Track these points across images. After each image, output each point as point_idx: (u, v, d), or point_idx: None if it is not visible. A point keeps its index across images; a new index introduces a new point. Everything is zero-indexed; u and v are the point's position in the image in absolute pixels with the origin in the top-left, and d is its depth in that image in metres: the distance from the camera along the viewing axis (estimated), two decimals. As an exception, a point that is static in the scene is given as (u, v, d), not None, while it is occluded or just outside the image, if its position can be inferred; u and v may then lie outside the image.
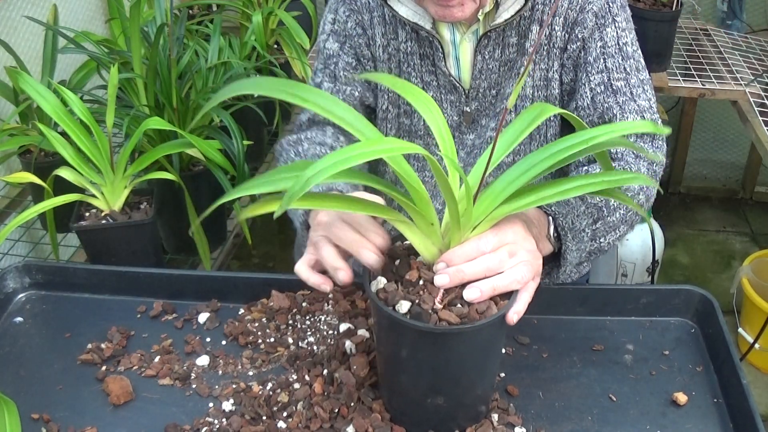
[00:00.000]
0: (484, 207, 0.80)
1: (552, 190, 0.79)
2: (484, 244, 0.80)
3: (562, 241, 0.93)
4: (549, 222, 0.94)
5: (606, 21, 1.10)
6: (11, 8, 1.71)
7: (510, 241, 0.82)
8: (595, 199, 0.99)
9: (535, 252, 0.85)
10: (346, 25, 1.18)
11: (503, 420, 0.87)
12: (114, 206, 1.26)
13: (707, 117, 2.90)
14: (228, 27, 2.01)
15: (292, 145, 1.16)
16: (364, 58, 1.19)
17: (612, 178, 0.79)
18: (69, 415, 0.90)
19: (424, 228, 0.80)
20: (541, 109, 0.79)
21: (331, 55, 1.20)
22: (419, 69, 1.16)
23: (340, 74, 1.19)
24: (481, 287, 0.78)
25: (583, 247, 0.96)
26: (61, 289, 1.09)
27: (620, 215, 1.02)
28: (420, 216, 0.78)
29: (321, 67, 1.22)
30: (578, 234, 0.95)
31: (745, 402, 0.85)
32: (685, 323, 1.02)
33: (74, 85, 1.57)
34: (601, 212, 0.99)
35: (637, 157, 1.08)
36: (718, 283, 2.63)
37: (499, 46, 1.12)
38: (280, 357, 0.97)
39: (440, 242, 0.81)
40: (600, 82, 1.09)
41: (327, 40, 1.20)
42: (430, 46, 1.13)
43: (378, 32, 1.16)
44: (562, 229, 0.93)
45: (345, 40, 1.19)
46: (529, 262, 0.82)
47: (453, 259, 0.79)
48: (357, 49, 1.19)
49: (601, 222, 0.99)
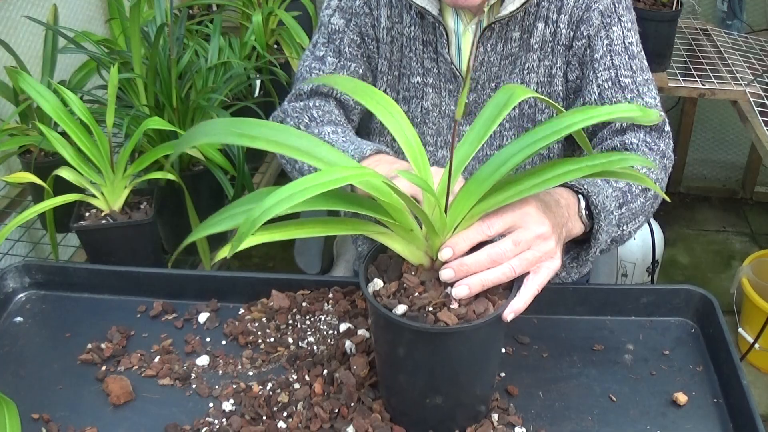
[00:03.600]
0: (460, 208, 0.78)
1: (532, 181, 0.78)
2: (487, 227, 0.80)
3: (595, 220, 0.92)
4: (579, 200, 0.92)
5: (612, 20, 1.11)
6: (11, 8, 1.71)
7: (516, 225, 0.81)
8: (619, 183, 0.98)
9: (547, 236, 0.82)
10: (353, 2, 1.17)
11: (503, 420, 0.87)
12: (114, 206, 1.26)
13: (707, 117, 2.90)
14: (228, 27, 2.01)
15: (300, 112, 1.16)
16: (368, 38, 1.19)
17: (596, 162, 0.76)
18: (69, 415, 0.90)
19: (405, 235, 0.79)
20: (511, 93, 0.77)
21: (336, 30, 1.19)
22: (421, 54, 1.17)
23: (345, 50, 1.19)
24: (470, 284, 0.78)
25: (611, 230, 0.95)
26: (61, 289, 1.09)
27: (640, 203, 1.01)
28: (397, 225, 0.77)
29: (323, 41, 1.20)
30: (609, 215, 0.94)
31: (745, 402, 0.85)
32: (685, 323, 1.02)
33: (74, 85, 1.56)
34: (626, 197, 0.99)
35: (650, 150, 1.08)
36: (718, 283, 2.63)
37: (502, 39, 1.13)
38: (280, 357, 0.97)
39: (424, 245, 0.80)
40: (607, 78, 1.10)
41: (333, 15, 1.20)
42: (434, 32, 1.14)
43: (383, 14, 1.16)
44: (594, 208, 0.91)
45: (351, 17, 1.18)
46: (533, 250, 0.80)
47: (458, 244, 0.79)
48: (362, 28, 1.18)
49: (626, 207, 0.99)
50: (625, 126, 1.10)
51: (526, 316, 0.83)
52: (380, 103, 0.79)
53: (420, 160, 0.79)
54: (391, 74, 1.20)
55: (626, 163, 0.77)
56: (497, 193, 0.78)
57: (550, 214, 0.84)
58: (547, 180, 0.77)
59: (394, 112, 0.79)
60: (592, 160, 0.77)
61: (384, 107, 0.79)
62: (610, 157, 0.78)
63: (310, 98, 1.20)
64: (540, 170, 0.78)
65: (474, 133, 0.79)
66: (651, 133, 1.09)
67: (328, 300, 1.04)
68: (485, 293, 0.80)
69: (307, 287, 1.07)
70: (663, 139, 1.10)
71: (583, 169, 0.76)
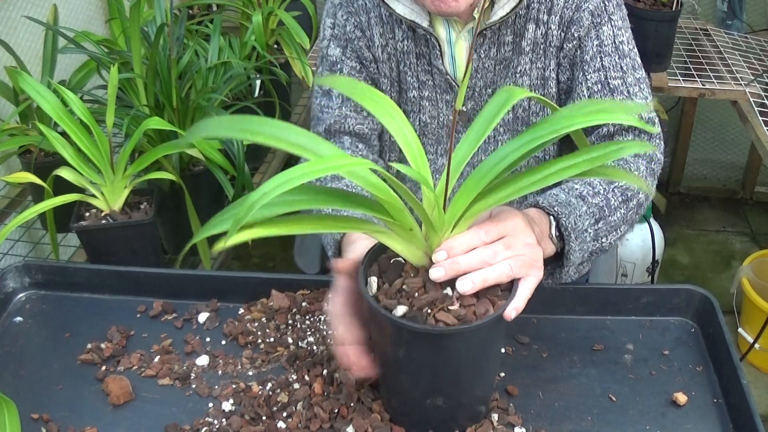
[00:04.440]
0: (459, 205, 0.79)
1: (531, 179, 0.78)
2: (485, 233, 0.80)
3: (566, 242, 0.93)
4: (551, 222, 0.93)
5: (602, 20, 1.10)
6: (11, 8, 1.71)
7: (508, 233, 0.82)
8: (596, 199, 0.99)
9: (534, 245, 0.85)
10: (345, 28, 1.18)
11: (503, 420, 0.87)
12: (114, 206, 1.26)
13: (707, 117, 2.90)
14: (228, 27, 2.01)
15: None
16: (366, 60, 1.19)
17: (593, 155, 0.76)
18: (69, 415, 0.90)
19: (404, 234, 0.79)
20: (509, 94, 0.77)
21: (335, 62, 1.20)
22: (415, 68, 1.16)
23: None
24: (473, 279, 0.78)
25: (585, 247, 0.96)
26: (61, 289, 1.09)
27: (621, 214, 1.01)
28: (397, 224, 0.77)
29: (327, 73, 1.21)
30: (581, 234, 0.95)
31: (745, 402, 0.85)
32: (685, 323, 1.02)
33: (74, 85, 1.56)
34: (603, 212, 0.99)
35: (636, 156, 1.08)
36: (718, 283, 2.63)
37: (495, 44, 1.12)
38: (280, 357, 0.97)
39: (424, 245, 0.80)
40: (597, 81, 1.09)
41: (329, 46, 1.20)
42: (426, 44, 1.13)
43: (376, 32, 1.16)
44: (565, 230, 0.93)
45: (346, 44, 1.19)
46: (524, 255, 0.82)
47: (454, 248, 0.79)
48: (358, 52, 1.19)
49: (603, 222, 0.99)
50: (612, 131, 1.10)
51: (526, 315, 0.83)
52: (379, 103, 0.79)
53: (419, 160, 0.79)
54: (392, 91, 1.20)
55: (623, 153, 0.77)
56: (496, 191, 0.79)
57: (533, 227, 0.87)
58: (546, 177, 0.77)
59: (394, 113, 0.80)
60: (588, 154, 0.77)
61: (383, 108, 0.79)
62: (606, 149, 0.77)
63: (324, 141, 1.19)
64: (538, 168, 0.79)
65: (474, 132, 0.80)
66: (640, 136, 1.09)
67: (328, 300, 1.04)
68: (486, 294, 0.80)
69: (307, 287, 1.07)
70: (653, 141, 1.10)
71: (581, 164, 0.76)
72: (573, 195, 0.98)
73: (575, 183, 1.01)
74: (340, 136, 1.20)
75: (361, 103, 0.78)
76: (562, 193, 0.98)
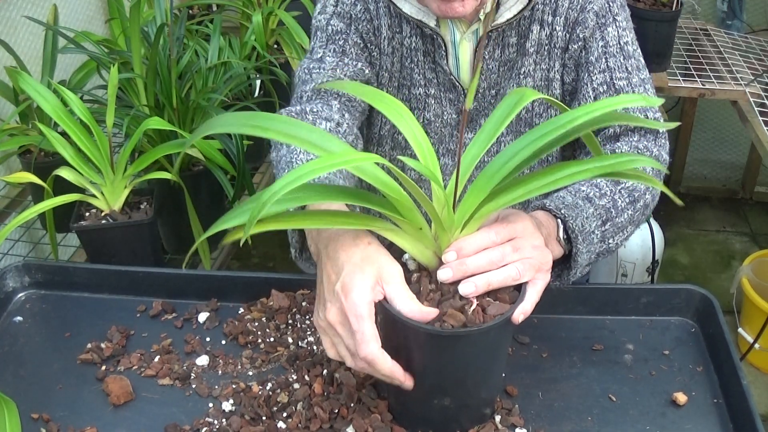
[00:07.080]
0: (468, 205, 0.79)
1: (541, 182, 0.78)
2: (495, 234, 0.80)
3: (573, 244, 0.93)
4: (558, 225, 0.93)
5: (607, 20, 1.10)
6: (11, 8, 1.71)
7: (517, 235, 0.82)
8: (603, 201, 0.99)
9: (542, 248, 0.84)
10: (354, 8, 1.15)
11: (506, 422, 0.87)
12: (114, 206, 1.26)
13: (707, 117, 2.90)
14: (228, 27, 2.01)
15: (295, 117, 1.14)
16: (370, 44, 1.16)
17: (605, 163, 0.77)
18: (69, 414, 0.90)
19: (414, 233, 0.79)
20: (520, 95, 0.78)
21: (338, 32, 1.16)
22: (422, 65, 1.16)
23: (351, 50, 1.15)
24: (476, 282, 0.78)
25: (592, 249, 0.96)
26: (60, 289, 1.09)
27: (628, 216, 1.01)
28: (406, 223, 0.78)
29: (321, 44, 1.17)
30: (588, 236, 0.95)
31: (745, 402, 0.85)
32: (685, 323, 1.02)
33: (74, 85, 1.56)
34: (610, 213, 0.99)
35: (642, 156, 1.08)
36: (718, 283, 2.63)
37: (499, 46, 1.12)
38: (280, 357, 0.97)
39: (433, 245, 0.81)
40: (602, 82, 1.09)
41: (331, 19, 1.16)
42: (433, 43, 1.13)
43: (384, 23, 1.14)
44: (572, 232, 0.92)
45: (351, 22, 1.15)
46: (533, 258, 0.82)
47: (464, 248, 0.79)
48: (364, 34, 1.16)
49: (610, 223, 0.99)
50: (618, 132, 1.10)
51: (526, 315, 0.83)
52: (390, 105, 0.80)
53: (429, 159, 0.80)
54: (391, 86, 1.19)
55: (636, 164, 0.77)
56: (507, 192, 0.79)
57: (541, 229, 0.87)
58: (558, 180, 0.77)
59: (404, 114, 0.80)
60: (601, 161, 0.77)
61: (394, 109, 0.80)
62: (619, 158, 0.77)
63: (309, 101, 1.16)
64: (549, 171, 0.79)
65: (484, 133, 0.80)
66: (646, 136, 1.09)
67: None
68: (496, 297, 0.80)
69: (307, 287, 1.07)
70: (658, 141, 1.10)
71: (592, 170, 0.77)
72: (580, 197, 0.97)
73: (582, 184, 1.00)
74: (328, 99, 1.14)
75: (371, 104, 0.78)
76: (569, 196, 0.98)
